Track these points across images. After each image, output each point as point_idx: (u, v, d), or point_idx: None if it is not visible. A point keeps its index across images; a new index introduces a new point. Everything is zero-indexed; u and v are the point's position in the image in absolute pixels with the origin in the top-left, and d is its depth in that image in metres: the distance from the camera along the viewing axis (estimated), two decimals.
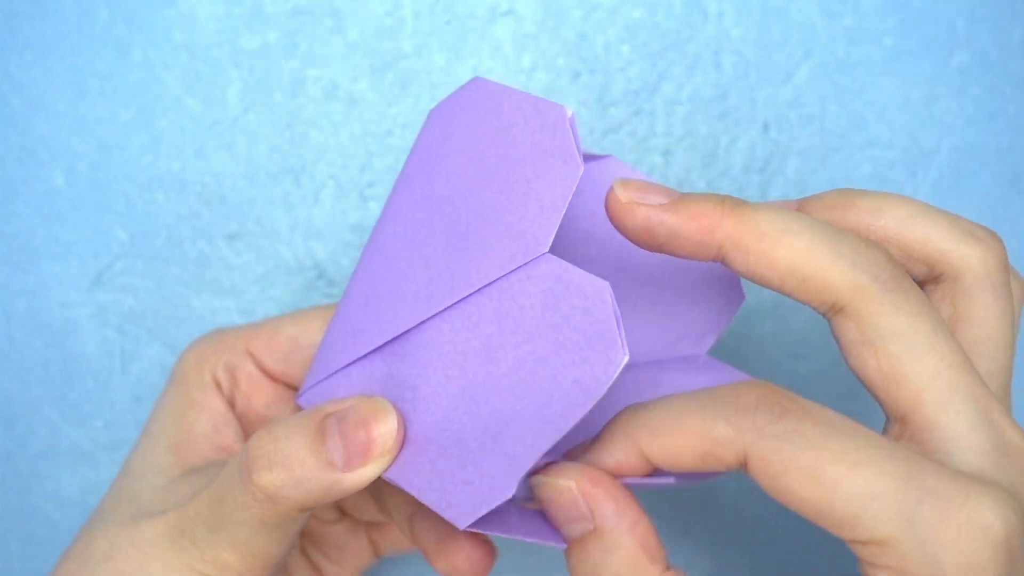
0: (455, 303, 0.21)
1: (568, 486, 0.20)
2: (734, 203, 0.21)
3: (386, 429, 0.21)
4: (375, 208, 0.33)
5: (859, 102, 0.33)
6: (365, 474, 0.21)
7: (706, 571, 0.35)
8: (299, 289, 0.33)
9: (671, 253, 0.22)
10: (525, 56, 0.32)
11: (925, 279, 0.23)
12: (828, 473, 0.18)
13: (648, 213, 0.21)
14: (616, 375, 0.18)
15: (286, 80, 0.32)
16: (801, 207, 0.23)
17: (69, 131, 0.32)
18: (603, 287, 0.19)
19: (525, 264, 0.20)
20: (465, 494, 0.20)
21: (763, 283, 0.21)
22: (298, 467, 0.21)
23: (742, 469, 0.19)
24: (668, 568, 0.20)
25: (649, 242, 0.21)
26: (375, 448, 0.21)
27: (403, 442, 0.21)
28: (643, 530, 0.20)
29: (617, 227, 0.22)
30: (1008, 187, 0.33)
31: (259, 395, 0.27)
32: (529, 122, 0.20)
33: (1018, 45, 0.33)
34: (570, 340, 0.19)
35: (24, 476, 0.34)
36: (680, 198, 0.21)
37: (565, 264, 0.19)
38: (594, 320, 0.19)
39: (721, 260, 0.21)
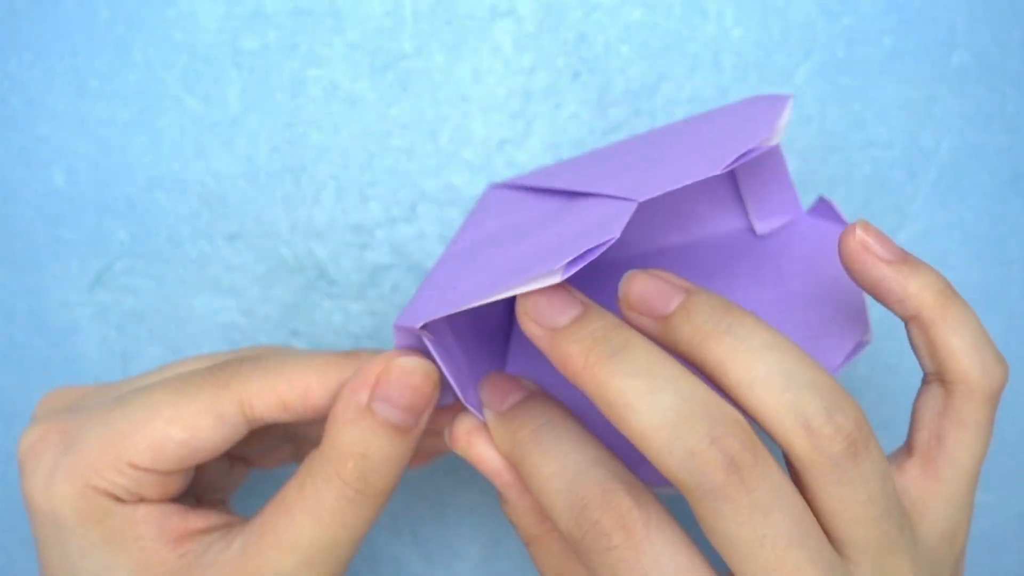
0: (578, 194, 0.24)
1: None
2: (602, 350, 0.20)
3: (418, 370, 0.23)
4: (375, 208, 0.33)
5: (859, 102, 0.33)
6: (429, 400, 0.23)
7: None
8: (299, 289, 0.33)
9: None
10: (525, 56, 0.32)
11: None
12: None
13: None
14: (552, 279, 0.20)
15: (286, 80, 0.32)
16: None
17: (69, 131, 0.32)
18: (626, 211, 0.21)
19: (618, 198, 0.22)
20: (417, 303, 0.23)
21: None
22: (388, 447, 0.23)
23: None
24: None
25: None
26: (424, 392, 0.23)
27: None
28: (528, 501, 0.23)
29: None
30: (1007, 187, 0.33)
31: (169, 484, 0.24)
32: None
33: (1017, 45, 0.33)
34: (573, 229, 0.21)
35: None
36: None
37: (628, 207, 0.21)
38: (597, 224, 0.21)
39: None
